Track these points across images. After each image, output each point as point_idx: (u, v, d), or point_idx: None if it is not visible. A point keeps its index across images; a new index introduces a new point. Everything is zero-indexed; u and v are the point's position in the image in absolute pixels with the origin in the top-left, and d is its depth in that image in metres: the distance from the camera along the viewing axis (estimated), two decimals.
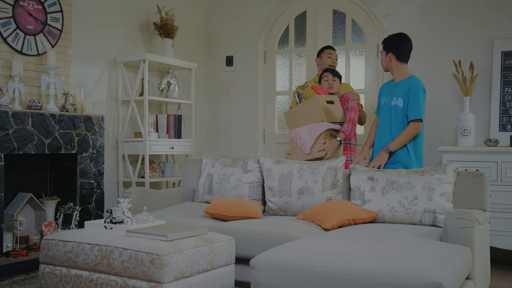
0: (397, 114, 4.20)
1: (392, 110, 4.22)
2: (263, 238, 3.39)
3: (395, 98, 4.21)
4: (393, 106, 4.21)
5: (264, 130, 6.29)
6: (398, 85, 4.24)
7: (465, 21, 5.14)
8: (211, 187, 4.39)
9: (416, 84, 4.17)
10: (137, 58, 5.28)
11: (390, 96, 4.26)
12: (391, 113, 4.23)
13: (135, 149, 5.33)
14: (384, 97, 4.32)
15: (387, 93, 4.30)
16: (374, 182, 3.75)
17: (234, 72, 6.44)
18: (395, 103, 4.20)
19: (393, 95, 4.23)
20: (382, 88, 4.44)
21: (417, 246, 2.74)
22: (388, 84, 4.38)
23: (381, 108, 4.36)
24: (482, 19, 5.08)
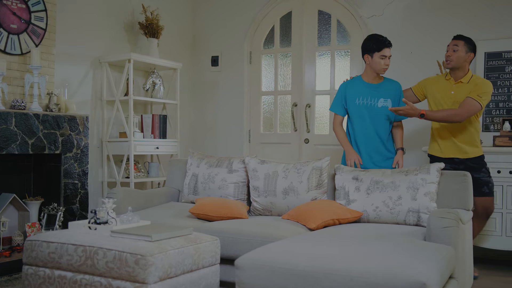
0: (385, 115, 4.17)
1: (379, 111, 4.15)
2: (248, 238, 3.40)
3: (382, 99, 4.15)
4: (382, 107, 4.15)
5: (250, 130, 6.29)
6: (381, 87, 4.20)
7: (449, 22, 5.18)
8: (196, 187, 4.38)
9: (399, 86, 4.27)
10: (122, 58, 5.26)
11: (371, 97, 4.16)
12: (377, 114, 4.15)
13: (120, 149, 5.31)
14: (360, 97, 4.17)
15: (363, 93, 4.18)
16: (358, 182, 3.76)
17: (220, 72, 6.43)
18: (384, 104, 4.15)
19: (379, 96, 4.16)
20: (349, 87, 4.25)
21: (401, 245, 2.75)
22: (359, 84, 4.24)
23: (355, 108, 4.20)
24: (466, 21, 5.12)
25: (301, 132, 5.97)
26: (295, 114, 6.00)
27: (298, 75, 6.01)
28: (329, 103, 5.84)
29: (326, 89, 5.87)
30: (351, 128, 4.27)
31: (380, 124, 4.17)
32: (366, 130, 4.18)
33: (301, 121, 5.96)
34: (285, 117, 6.14)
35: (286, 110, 6.13)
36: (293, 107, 6.00)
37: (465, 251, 3.25)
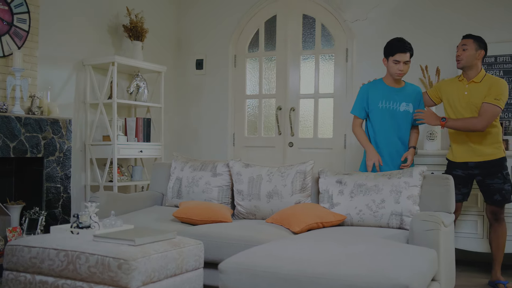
0: (407, 119, 4.17)
1: (400, 115, 4.15)
2: (232, 242, 3.39)
3: (404, 103, 4.15)
4: (404, 111, 4.15)
5: (234, 134, 6.29)
6: (403, 91, 4.20)
7: (431, 27, 5.23)
8: (180, 191, 4.36)
9: (420, 91, 4.28)
10: (106, 61, 5.23)
11: (393, 101, 4.16)
12: (399, 118, 4.15)
13: (103, 152, 5.27)
14: (384, 100, 4.17)
15: (386, 96, 4.18)
16: (342, 186, 3.78)
17: (204, 75, 6.42)
18: (406, 109, 4.16)
19: (401, 100, 4.16)
20: (371, 90, 4.26)
21: (384, 248, 2.76)
22: (382, 87, 4.24)
23: (377, 111, 4.19)
24: (447, 26, 5.17)
25: (285, 135, 5.98)
26: (280, 117, 6.01)
27: (282, 79, 6.02)
28: (314, 107, 5.86)
29: (311, 93, 5.89)
30: (372, 130, 4.25)
31: (402, 128, 4.17)
32: (388, 133, 4.17)
33: (285, 124, 5.97)
34: (270, 121, 6.15)
35: (270, 113, 6.14)
36: (277, 111, 6.01)
37: (447, 254, 3.27)
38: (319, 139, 5.85)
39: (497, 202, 4.14)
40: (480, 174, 4.15)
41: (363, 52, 5.57)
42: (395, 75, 4.13)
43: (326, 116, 5.84)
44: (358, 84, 5.53)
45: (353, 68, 5.61)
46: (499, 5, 5.02)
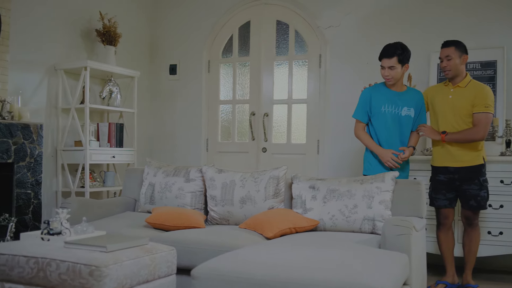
0: (408, 123, 4.16)
1: (402, 119, 4.14)
2: (205, 248, 3.38)
3: (406, 108, 4.13)
4: (405, 116, 4.14)
5: (207, 139, 6.28)
6: (404, 95, 4.16)
7: (404, 35, 5.28)
8: (153, 197, 4.34)
9: (422, 97, 4.26)
10: (78, 65, 5.19)
11: (395, 105, 4.13)
12: (401, 122, 4.15)
13: (75, 158, 5.22)
14: (386, 104, 4.14)
15: (389, 100, 4.15)
16: (315, 191, 3.80)
17: (178, 80, 6.41)
18: (407, 113, 4.14)
19: (403, 104, 4.14)
20: (374, 94, 4.21)
21: (356, 253, 2.79)
22: (384, 91, 4.20)
23: (380, 116, 4.16)
24: (419, 33, 5.24)
25: (258, 141, 5.99)
26: (253, 123, 6.02)
27: (256, 84, 6.03)
28: (287, 112, 5.89)
29: (284, 99, 5.91)
30: (374, 134, 4.22)
31: (403, 132, 4.17)
32: (390, 137, 4.16)
33: (259, 130, 5.98)
34: (243, 126, 6.15)
35: (244, 119, 6.15)
36: (251, 116, 6.02)
37: (418, 258, 3.31)
38: (293, 145, 5.87)
39: (472, 208, 4.17)
40: (458, 179, 4.19)
41: (336, 58, 5.62)
42: (385, 81, 4.16)
43: (300, 121, 5.87)
44: (332, 89, 5.59)
45: (326, 74, 5.65)
46: (470, 14, 5.11)
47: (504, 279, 4.63)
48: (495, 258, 4.85)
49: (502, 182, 4.49)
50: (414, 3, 5.30)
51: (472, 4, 5.09)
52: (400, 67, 4.07)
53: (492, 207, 4.50)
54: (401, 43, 4.11)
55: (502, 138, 4.77)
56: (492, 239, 4.53)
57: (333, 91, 5.62)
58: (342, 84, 5.58)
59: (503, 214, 4.49)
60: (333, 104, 5.60)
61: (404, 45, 4.11)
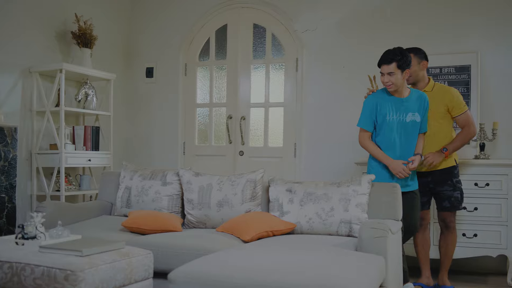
0: (414, 129, 4.00)
1: (408, 126, 3.97)
2: (182, 251, 3.37)
3: (410, 113, 3.97)
4: (411, 122, 3.97)
5: (184, 143, 6.26)
6: (408, 101, 3.99)
7: (380, 38, 5.34)
8: (129, 200, 4.31)
9: (426, 97, 4.08)
10: (54, 68, 5.13)
11: (400, 112, 3.97)
12: (407, 129, 3.98)
13: (50, 161, 5.17)
14: (391, 113, 3.97)
15: (394, 108, 3.97)
16: (292, 194, 3.81)
17: (154, 83, 6.38)
18: (412, 119, 3.97)
19: (407, 110, 3.97)
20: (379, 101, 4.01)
21: (333, 256, 2.80)
22: (389, 99, 4.00)
23: (385, 124, 3.97)
24: (394, 37, 5.29)
25: (236, 144, 5.99)
26: (230, 126, 6.02)
27: (233, 88, 6.04)
28: (264, 116, 5.90)
29: (261, 102, 5.92)
30: (380, 143, 4.03)
31: (410, 140, 4.01)
32: (397, 146, 3.98)
33: (236, 133, 5.98)
34: (220, 129, 6.15)
35: (221, 122, 6.14)
36: (228, 120, 6.02)
37: (394, 261, 3.33)
38: (270, 148, 5.88)
39: (446, 209, 4.24)
40: (432, 182, 4.26)
41: (313, 61, 5.65)
42: (386, 88, 3.99)
43: (277, 125, 5.88)
44: (308, 93, 5.62)
45: (303, 77, 5.68)
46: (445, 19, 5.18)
47: (478, 280, 4.69)
48: (470, 260, 4.91)
49: (476, 184, 4.55)
50: (390, 9, 5.36)
51: (447, 10, 5.15)
52: (400, 73, 3.90)
53: (467, 209, 4.56)
54: (400, 48, 3.94)
55: (476, 141, 4.84)
56: (467, 241, 4.59)
57: (310, 94, 5.65)
58: (319, 88, 5.61)
59: (478, 216, 4.56)
60: (310, 108, 5.63)
61: (403, 50, 3.94)
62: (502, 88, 4.96)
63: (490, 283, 4.61)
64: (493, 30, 5.00)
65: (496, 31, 5.00)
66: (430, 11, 5.21)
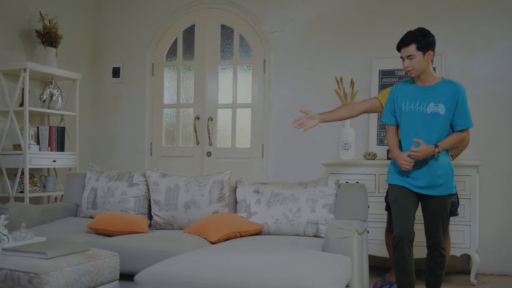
0: (437, 122, 3.42)
1: (428, 118, 3.43)
2: (149, 253, 3.34)
3: (433, 104, 3.42)
4: (432, 113, 3.42)
5: (151, 143, 6.22)
6: (434, 90, 3.46)
7: (347, 40, 5.40)
8: (95, 202, 4.27)
9: (463, 90, 3.48)
10: (17, 67, 5.05)
11: (420, 102, 3.45)
12: (427, 121, 3.43)
13: (14, 162, 5.08)
14: (408, 102, 3.50)
15: (413, 97, 3.49)
16: (259, 195, 3.82)
17: (121, 83, 6.32)
18: (435, 110, 3.42)
19: (429, 100, 3.44)
20: (398, 92, 3.59)
21: (300, 256, 2.82)
22: (410, 88, 3.55)
23: (401, 116, 3.54)
24: (361, 39, 5.35)
25: (203, 145, 5.97)
26: (198, 127, 6.00)
27: (200, 88, 6.02)
28: (232, 117, 5.90)
29: (229, 103, 5.92)
30: (401, 138, 3.59)
31: (433, 134, 3.43)
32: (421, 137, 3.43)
33: (203, 134, 5.97)
34: (187, 130, 6.13)
35: (188, 123, 6.12)
36: (195, 120, 6.00)
37: (361, 261, 3.37)
38: (237, 149, 5.89)
39: None
40: None
41: (280, 63, 5.67)
42: (408, 73, 3.52)
43: (244, 126, 5.89)
44: (276, 94, 5.65)
45: (271, 78, 5.70)
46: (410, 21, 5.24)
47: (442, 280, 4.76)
48: None
49: None
50: (357, 11, 5.41)
51: (412, 12, 5.23)
52: (421, 56, 3.43)
53: None
54: (421, 29, 3.49)
55: None
56: None
57: (277, 95, 5.67)
58: (287, 89, 5.64)
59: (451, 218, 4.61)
60: (277, 109, 5.65)
61: (424, 30, 3.47)
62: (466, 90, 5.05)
63: (454, 282, 4.69)
64: (457, 32, 5.09)
65: (459, 33, 5.09)
66: (395, 13, 5.28)
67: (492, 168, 4.95)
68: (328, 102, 5.36)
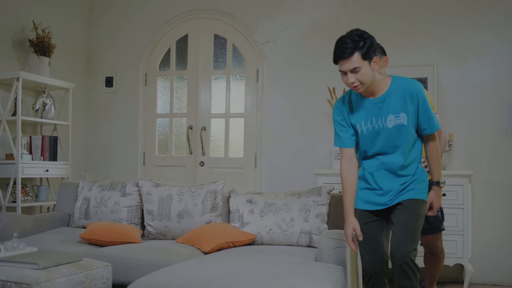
0: (402, 134, 2.86)
1: (392, 133, 2.86)
2: (142, 263, 3.33)
3: (392, 116, 2.85)
4: (395, 127, 2.85)
5: (144, 153, 6.21)
6: (387, 98, 2.86)
7: None
8: (88, 212, 4.26)
9: (419, 88, 2.90)
10: (10, 76, 5.04)
11: (377, 117, 2.88)
12: (391, 137, 2.87)
13: (6, 171, 5.05)
14: (363, 121, 2.92)
15: (367, 115, 2.91)
16: (252, 205, 3.82)
17: (114, 93, 6.32)
18: (397, 122, 2.85)
19: (386, 113, 2.86)
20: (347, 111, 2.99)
21: (293, 266, 2.81)
22: (360, 104, 2.94)
23: (362, 137, 2.94)
24: None
25: (196, 154, 5.97)
26: (191, 136, 6.00)
27: (193, 98, 6.03)
28: (225, 126, 5.91)
29: (222, 112, 5.93)
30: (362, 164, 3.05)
31: (402, 151, 2.89)
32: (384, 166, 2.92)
33: (196, 144, 5.97)
34: (181, 140, 6.12)
35: (181, 132, 6.12)
36: (188, 130, 6.00)
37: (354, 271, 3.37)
38: (230, 159, 5.88)
39: (426, 232, 3.66)
40: None
41: (273, 73, 5.68)
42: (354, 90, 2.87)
43: (237, 135, 5.89)
44: (269, 104, 5.65)
45: (264, 88, 5.71)
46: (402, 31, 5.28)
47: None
48: None
49: None
50: (348, 20, 5.44)
51: (403, 22, 5.26)
52: (367, 66, 2.78)
53: None
54: (357, 31, 2.83)
55: None
56: None
57: (270, 105, 5.68)
58: (279, 99, 5.65)
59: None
60: (270, 119, 5.66)
61: (362, 32, 2.82)
62: (458, 100, 5.08)
63: None
64: (449, 42, 5.12)
65: (451, 43, 5.12)
66: (387, 23, 5.30)
67: (485, 177, 4.96)
68: (321, 111, 5.38)
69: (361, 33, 2.80)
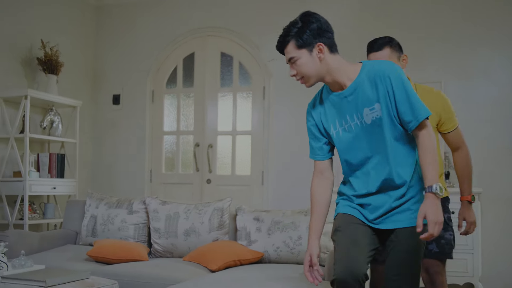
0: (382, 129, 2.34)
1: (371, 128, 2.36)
2: (149, 281, 3.33)
3: (367, 109, 2.34)
4: (373, 121, 2.34)
5: (151, 170, 6.22)
6: (357, 89, 2.37)
7: None
8: (95, 229, 4.25)
9: (392, 69, 2.35)
10: (18, 94, 5.07)
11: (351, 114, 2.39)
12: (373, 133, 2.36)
13: (14, 189, 5.07)
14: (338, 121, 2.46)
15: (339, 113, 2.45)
16: (260, 223, 3.81)
17: (121, 110, 6.34)
18: (374, 116, 2.33)
19: (359, 107, 2.36)
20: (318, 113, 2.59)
21: (300, 286, 2.80)
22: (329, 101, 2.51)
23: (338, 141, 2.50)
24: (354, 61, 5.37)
25: (203, 172, 5.97)
26: (197, 154, 6.01)
27: (200, 116, 6.04)
28: (231, 144, 5.91)
29: (228, 130, 5.94)
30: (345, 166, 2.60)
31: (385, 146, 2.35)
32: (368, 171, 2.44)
33: (203, 161, 5.97)
34: (187, 157, 6.13)
35: (188, 150, 6.13)
36: (195, 147, 6.01)
37: None
38: (237, 176, 5.88)
39: (433, 255, 2.97)
40: None
41: (280, 90, 5.70)
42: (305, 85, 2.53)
43: (244, 153, 5.89)
44: (275, 121, 5.67)
45: (270, 106, 5.72)
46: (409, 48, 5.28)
47: None
48: None
49: None
50: (352, 38, 5.44)
51: (410, 38, 5.26)
52: (306, 55, 2.41)
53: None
54: (301, 15, 2.46)
55: None
56: None
57: (276, 123, 5.69)
58: (286, 116, 5.66)
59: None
60: (277, 136, 5.67)
61: (305, 16, 2.44)
62: (465, 116, 5.06)
63: None
64: (455, 58, 5.13)
65: (457, 59, 5.13)
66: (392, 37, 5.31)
67: (494, 194, 4.93)
68: None
69: (303, 16, 2.41)
